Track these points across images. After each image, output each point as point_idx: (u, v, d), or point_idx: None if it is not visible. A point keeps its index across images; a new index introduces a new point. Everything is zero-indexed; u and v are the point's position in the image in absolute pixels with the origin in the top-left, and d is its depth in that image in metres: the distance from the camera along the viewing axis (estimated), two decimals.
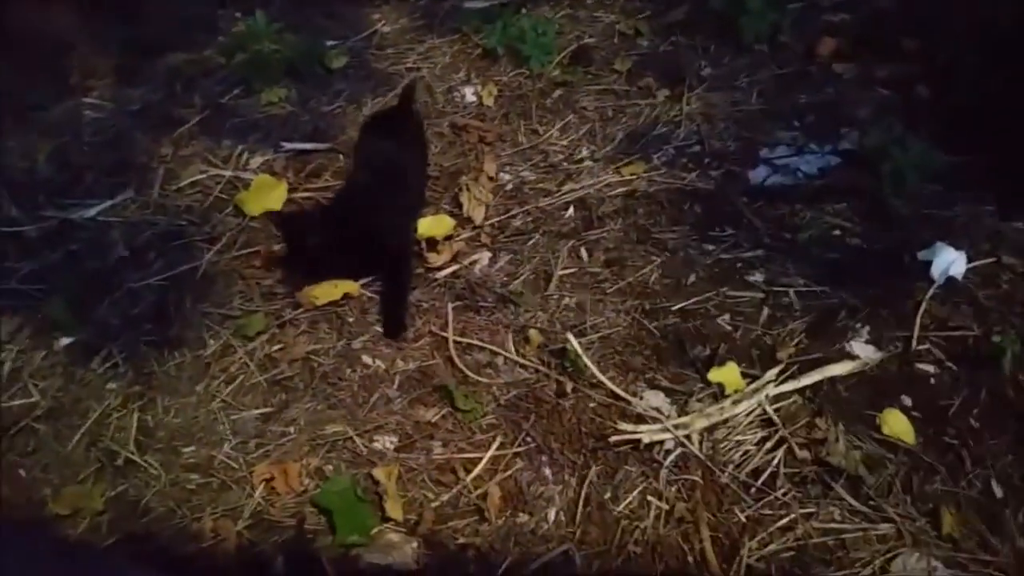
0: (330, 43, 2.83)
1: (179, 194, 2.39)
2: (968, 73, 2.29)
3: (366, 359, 1.92)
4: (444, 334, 1.95)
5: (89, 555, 1.43)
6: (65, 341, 2.00)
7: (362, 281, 2.06)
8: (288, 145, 2.48)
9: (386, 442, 1.78)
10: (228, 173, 2.42)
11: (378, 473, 1.70)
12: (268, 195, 2.30)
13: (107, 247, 2.23)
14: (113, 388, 1.91)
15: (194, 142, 2.55)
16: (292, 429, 1.80)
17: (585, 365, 1.83)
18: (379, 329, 1.98)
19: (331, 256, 1.97)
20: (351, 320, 2.00)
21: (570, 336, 1.86)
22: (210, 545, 1.64)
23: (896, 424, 1.68)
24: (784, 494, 1.61)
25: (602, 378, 1.81)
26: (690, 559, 1.54)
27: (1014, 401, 1.70)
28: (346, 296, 2.02)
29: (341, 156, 2.42)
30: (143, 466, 1.76)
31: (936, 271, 1.90)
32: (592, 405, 1.79)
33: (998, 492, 1.59)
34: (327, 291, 2.03)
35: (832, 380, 1.76)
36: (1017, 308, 1.86)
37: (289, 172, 2.40)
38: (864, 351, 1.81)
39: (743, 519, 1.58)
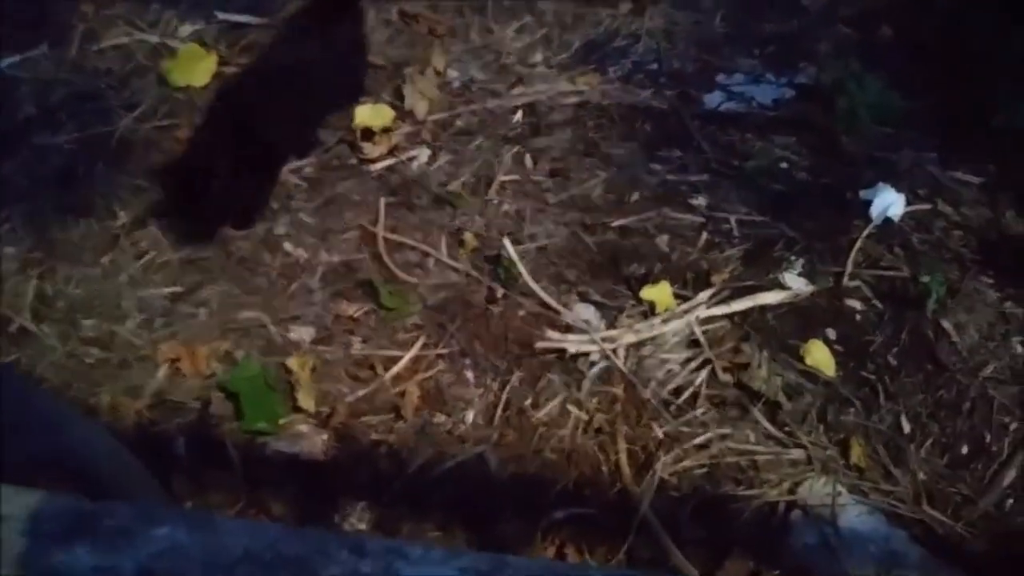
0: None
1: (99, 56, 2.22)
2: (932, 18, 2.26)
3: (287, 246, 1.83)
4: (374, 229, 1.86)
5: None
6: None
7: (288, 167, 1.95)
8: (222, 15, 2.30)
9: (303, 333, 1.70)
10: (154, 39, 2.24)
11: (292, 363, 1.63)
12: (195, 66, 2.14)
13: (14, 103, 2.06)
14: (11, 252, 1.78)
15: (119, 3, 2.35)
16: (203, 311, 1.71)
17: (519, 273, 1.77)
18: (304, 217, 1.88)
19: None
20: (275, 206, 1.89)
21: (506, 242, 1.80)
22: (107, 422, 1.55)
23: (819, 355, 1.68)
24: (703, 414, 1.61)
25: (534, 287, 1.76)
26: (604, 469, 1.54)
27: (932, 343, 1.73)
28: None
29: (279, 32, 2.26)
30: (39, 335, 1.65)
31: (875, 211, 1.89)
32: (521, 313, 1.75)
33: (906, 427, 1.62)
34: None
35: (762, 308, 1.76)
36: (947, 254, 1.88)
37: (221, 44, 2.23)
38: (796, 283, 1.80)
39: (660, 435, 1.57)
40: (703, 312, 1.73)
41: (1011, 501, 1.55)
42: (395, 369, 1.65)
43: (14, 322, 1.66)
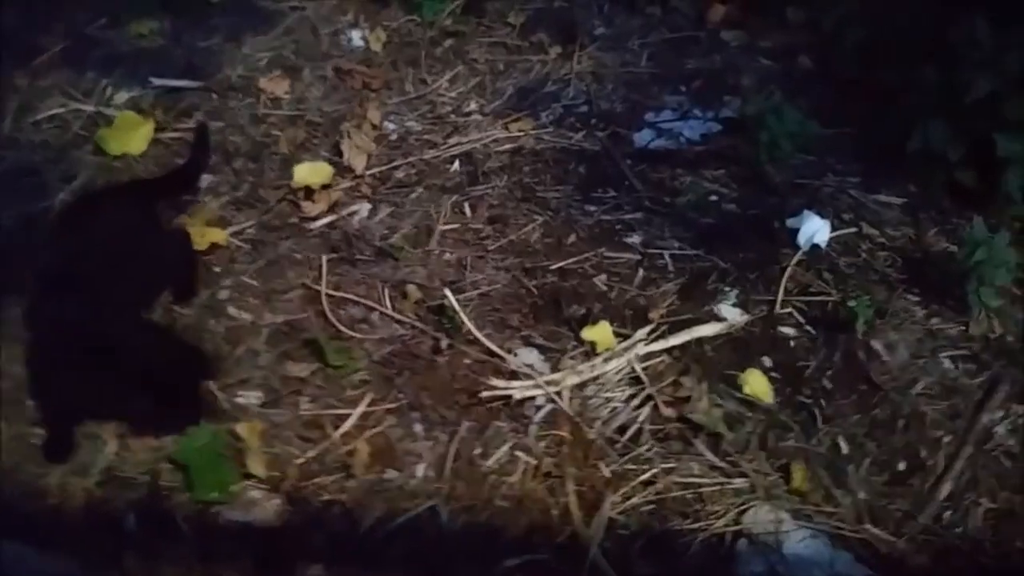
0: None
1: (34, 128, 2.22)
2: (848, 46, 2.36)
3: (232, 310, 1.84)
4: (317, 287, 1.88)
5: None
6: None
7: (230, 230, 1.97)
8: (158, 81, 2.33)
9: (251, 397, 1.71)
10: (90, 108, 2.26)
11: (241, 428, 1.63)
12: (132, 134, 2.15)
13: None
14: None
15: (54, 73, 2.36)
16: None
17: (462, 322, 1.81)
18: (246, 279, 1.89)
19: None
20: (217, 270, 1.90)
21: (448, 292, 1.84)
22: (56, 503, 1.54)
23: (756, 384, 1.74)
24: (647, 450, 1.65)
25: (478, 335, 1.79)
26: (555, 513, 1.56)
27: (864, 364, 1.79)
28: (213, 246, 1.93)
29: (215, 95, 2.29)
30: None
31: (802, 238, 1.96)
32: (467, 362, 1.78)
33: (844, 448, 1.68)
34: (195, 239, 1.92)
35: (700, 341, 1.81)
36: (873, 276, 1.95)
37: (157, 110, 2.25)
38: (731, 313, 1.86)
39: (607, 474, 1.61)
40: (642, 349, 1.78)
41: (949, 513, 1.61)
42: (344, 427, 1.67)
43: None
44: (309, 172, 2.09)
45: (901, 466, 1.67)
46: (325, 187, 2.07)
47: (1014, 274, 1.86)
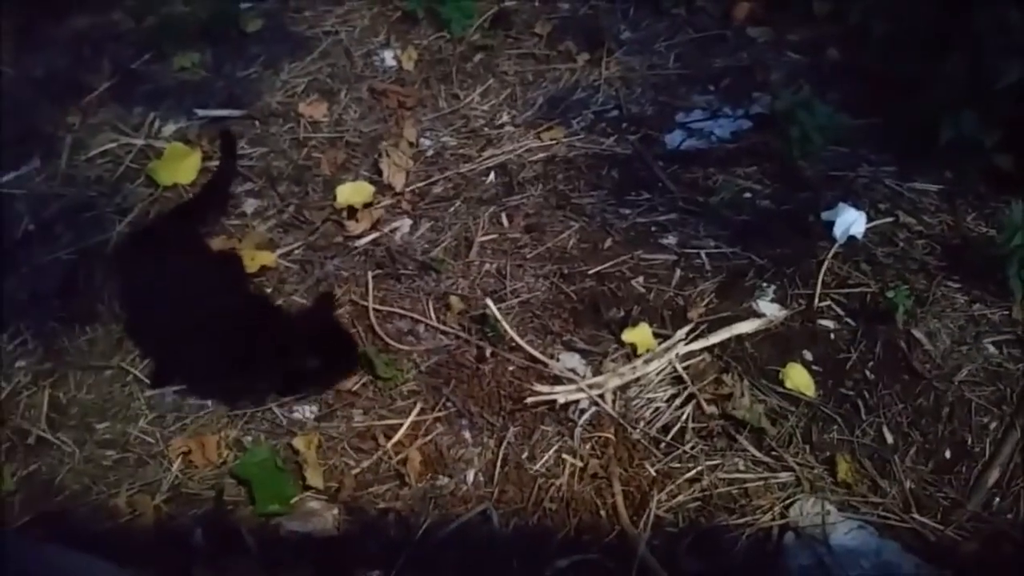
0: (244, 5, 2.74)
1: (88, 164, 2.32)
2: (875, 38, 2.35)
3: None
4: (364, 303, 1.95)
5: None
6: None
7: (278, 251, 2.05)
8: (202, 112, 2.42)
9: (306, 412, 1.79)
10: (140, 142, 2.35)
11: (298, 442, 1.71)
12: (181, 164, 2.24)
13: (12, 220, 2.16)
14: (22, 366, 1.86)
15: (103, 110, 2.46)
16: (210, 402, 1.79)
17: (504, 330, 1.85)
18: (297, 299, 1.97)
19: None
20: (268, 290, 1.98)
21: (489, 302, 1.88)
22: (127, 521, 1.63)
23: (798, 378, 1.76)
24: (692, 447, 1.68)
25: (520, 342, 1.84)
26: (602, 513, 1.60)
27: (905, 353, 1.80)
28: (263, 268, 2.01)
29: (257, 122, 2.38)
30: (55, 444, 1.74)
31: (838, 231, 1.97)
32: (511, 368, 1.82)
33: (889, 439, 1.69)
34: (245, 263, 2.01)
35: (739, 337, 1.83)
36: (912, 265, 1.95)
37: (204, 140, 2.34)
38: (770, 309, 1.88)
39: (653, 473, 1.64)
40: (683, 348, 1.80)
41: (998, 500, 1.61)
42: (396, 437, 1.73)
43: (31, 433, 1.75)
44: (351, 192, 2.16)
45: (947, 454, 1.68)
46: (367, 205, 2.14)
47: None
